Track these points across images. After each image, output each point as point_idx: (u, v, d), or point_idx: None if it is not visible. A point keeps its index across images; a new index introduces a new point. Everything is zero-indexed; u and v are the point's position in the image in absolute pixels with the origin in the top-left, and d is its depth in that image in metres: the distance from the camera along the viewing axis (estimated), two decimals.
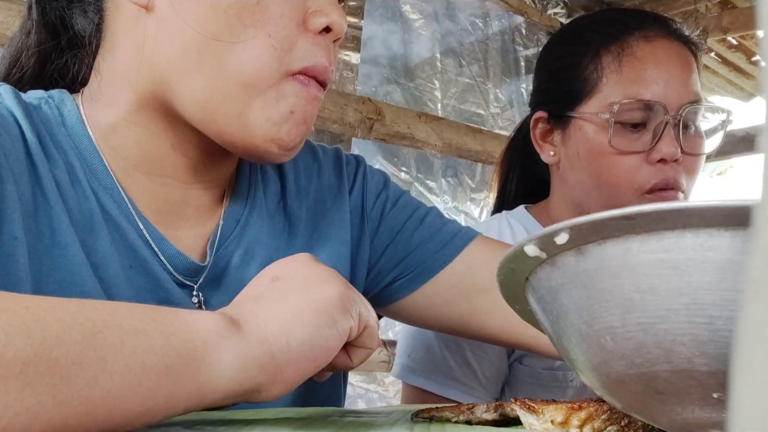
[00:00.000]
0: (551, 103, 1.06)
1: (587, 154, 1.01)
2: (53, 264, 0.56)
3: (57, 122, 0.62)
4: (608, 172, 0.99)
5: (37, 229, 0.56)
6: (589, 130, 1.01)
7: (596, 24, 1.07)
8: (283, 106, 0.60)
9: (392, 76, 2.47)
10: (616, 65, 0.99)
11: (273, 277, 0.51)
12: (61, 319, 0.35)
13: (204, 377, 0.40)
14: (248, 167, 0.73)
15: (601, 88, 1.00)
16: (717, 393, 0.32)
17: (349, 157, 0.83)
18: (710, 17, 3.01)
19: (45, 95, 0.64)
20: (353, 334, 0.50)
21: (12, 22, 1.65)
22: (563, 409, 0.44)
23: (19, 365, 0.32)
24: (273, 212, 0.74)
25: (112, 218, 0.61)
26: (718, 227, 0.30)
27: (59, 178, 0.59)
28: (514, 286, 0.40)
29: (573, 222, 0.33)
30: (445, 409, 0.52)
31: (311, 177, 0.78)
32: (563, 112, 1.04)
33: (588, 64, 1.02)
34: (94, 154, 0.62)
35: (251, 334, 0.44)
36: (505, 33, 2.87)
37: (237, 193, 0.71)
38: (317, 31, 0.60)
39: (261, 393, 0.44)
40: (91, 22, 0.65)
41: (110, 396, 0.35)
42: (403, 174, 2.49)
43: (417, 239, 0.80)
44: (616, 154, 0.98)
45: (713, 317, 0.30)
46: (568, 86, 1.03)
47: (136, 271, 0.61)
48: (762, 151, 0.18)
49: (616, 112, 0.97)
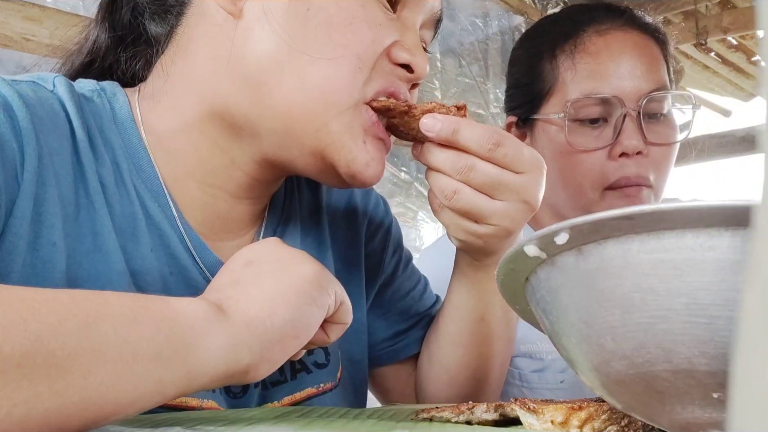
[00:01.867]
0: (519, 108, 1.06)
1: (551, 154, 1.00)
2: (93, 269, 0.55)
3: (108, 117, 0.61)
4: (571, 172, 0.98)
5: (79, 232, 0.55)
6: (551, 131, 1.00)
7: (551, 24, 1.06)
8: (356, 132, 0.59)
9: None
10: (570, 63, 0.99)
11: (246, 261, 0.52)
12: (55, 311, 0.36)
13: (193, 362, 0.41)
14: (284, 187, 0.73)
15: (559, 87, 1.00)
16: (717, 393, 0.32)
17: (379, 198, 0.84)
18: (710, 17, 3.01)
19: (97, 87, 0.63)
20: (330, 310, 0.53)
21: (12, 23, 1.65)
22: (563, 409, 0.44)
23: (17, 358, 0.33)
24: (309, 227, 0.74)
25: (156, 223, 0.60)
26: (718, 227, 0.30)
27: (105, 179, 0.58)
28: (514, 286, 0.40)
29: (573, 222, 0.33)
30: (446, 409, 0.52)
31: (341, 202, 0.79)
32: (529, 115, 1.04)
33: (545, 65, 1.02)
34: (144, 156, 0.61)
35: (236, 317, 0.45)
36: (505, 33, 2.87)
37: (274, 205, 0.71)
38: (398, 62, 0.61)
39: (249, 374, 0.45)
40: (167, 24, 0.64)
41: (104, 384, 0.36)
42: (403, 174, 2.49)
43: (413, 313, 0.82)
44: (577, 152, 0.97)
45: (713, 317, 0.30)
46: (530, 89, 1.03)
47: (175, 279, 0.61)
48: (762, 151, 0.18)
49: (569, 110, 0.97)
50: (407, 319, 0.81)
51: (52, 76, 0.59)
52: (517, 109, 1.07)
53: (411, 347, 0.81)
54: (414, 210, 2.53)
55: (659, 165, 0.98)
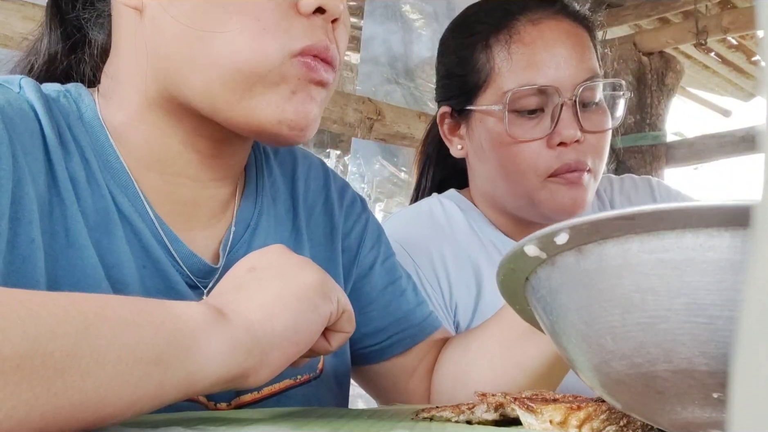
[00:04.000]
0: (452, 99, 1.05)
1: (490, 145, 1.00)
2: (68, 265, 0.56)
3: (75, 116, 0.62)
4: (511, 162, 0.98)
5: (53, 229, 0.56)
6: (488, 122, 0.99)
7: (483, 13, 1.04)
8: (283, 88, 0.59)
9: (392, 76, 2.47)
10: (505, 53, 0.98)
11: (249, 267, 0.53)
12: (54, 314, 0.36)
13: (193, 365, 0.41)
14: (255, 172, 0.73)
15: (494, 78, 0.98)
16: (717, 393, 0.32)
17: (356, 196, 0.84)
18: (710, 17, 3.01)
19: (63, 89, 0.64)
20: (332, 318, 0.53)
21: (12, 23, 1.65)
22: (562, 409, 0.44)
23: (16, 359, 0.33)
24: (282, 219, 0.74)
25: (127, 217, 0.61)
26: (718, 227, 0.30)
27: (76, 175, 0.59)
28: (514, 286, 0.40)
29: (573, 222, 0.33)
30: (446, 409, 0.52)
31: (318, 200, 0.79)
32: (464, 105, 1.02)
33: (479, 56, 1.00)
34: (111, 152, 0.62)
35: (236, 321, 0.45)
36: None
37: (246, 196, 0.71)
38: (309, 13, 0.60)
39: (248, 378, 0.46)
40: (104, 30, 0.67)
41: (103, 387, 0.36)
42: (403, 174, 2.50)
43: (394, 309, 0.81)
44: (516, 143, 0.97)
45: (713, 317, 0.30)
46: (464, 80, 1.02)
47: (149, 272, 0.61)
48: (762, 151, 0.18)
49: (508, 101, 0.96)
50: (387, 315, 0.81)
51: (18, 78, 0.61)
52: (450, 99, 1.06)
53: (395, 347, 0.80)
54: None
55: (596, 149, 0.98)
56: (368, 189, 2.40)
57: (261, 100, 0.59)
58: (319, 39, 0.60)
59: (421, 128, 2.47)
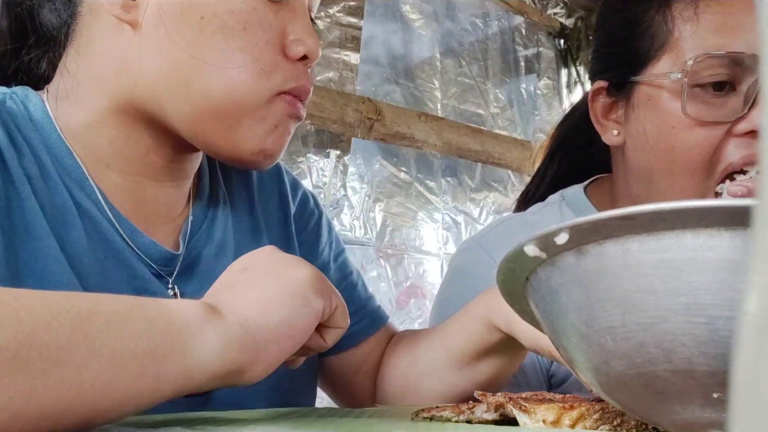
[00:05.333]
0: (612, 70, 0.86)
1: (657, 130, 0.80)
2: (30, 257, 0.57)
3: (23, 117, 0.62)
4: (683, 150, 0.78)
5: (11, 223, 0.57)
6: (658, 98, 0.80)
7: None
8: (268, 123, 0.63)
9: (392, 76, 2.47)
10: (690, 12, 0.79)
11: (242, 267, 0.54)
12: (48, 308, 0.37)
13: (188, 360, 0.42)
14: (208, 173, 0.75)
15: (672, 43, 0.80)
16: (717, 393, 0.32)
17: (307, 191, 0.87)
18: None
19: (8, 91, 0.65)
20: (326, 314, 0.53)
21: None
22: (555, 408, 0.44)
23: (11, 351, 0.34)
24: (239, 210, 0.76)
25: (85, 210, 0.62)
26: (718, 227, 0.30)
27: (30, 171, 0.59)
28: (514, 286, 0.40)
29: (573, 222, 0.33)
30: (446, 409, 0.52)
31: (273, 192, 0.81)
32: (627, 78, 0.84)
33: (655, 16, 0.82)
34: (64, 149, 0.62)
35: (230, 317, 0.46)
36: (505, 33, 2.87)
37: (200, 193, 0.73)
38: (296, 59, 0.64)
39: (245, 374, 0.46)
40: (60, 18, 0.66)
41: (99, 379, 0.37)
42: (402, 174, 2.49)
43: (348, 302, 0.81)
44: (692, 126, 0.77)
45: (713, 317, 0.30)
46: (632, 46, 0.83)
47: (110, 263, 0.62)
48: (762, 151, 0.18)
49: (690, 70, 0.77)
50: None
51: None
52: (607, 72, 0.87)
53: (350, 339, 0.80)
54: (414, 210, 2.53)
55: None
56: (368, 189, 2.40)
57: (247, 131, 0.62)
58: (304, 82, 0.65)
59: (422, 128, 2.47)
